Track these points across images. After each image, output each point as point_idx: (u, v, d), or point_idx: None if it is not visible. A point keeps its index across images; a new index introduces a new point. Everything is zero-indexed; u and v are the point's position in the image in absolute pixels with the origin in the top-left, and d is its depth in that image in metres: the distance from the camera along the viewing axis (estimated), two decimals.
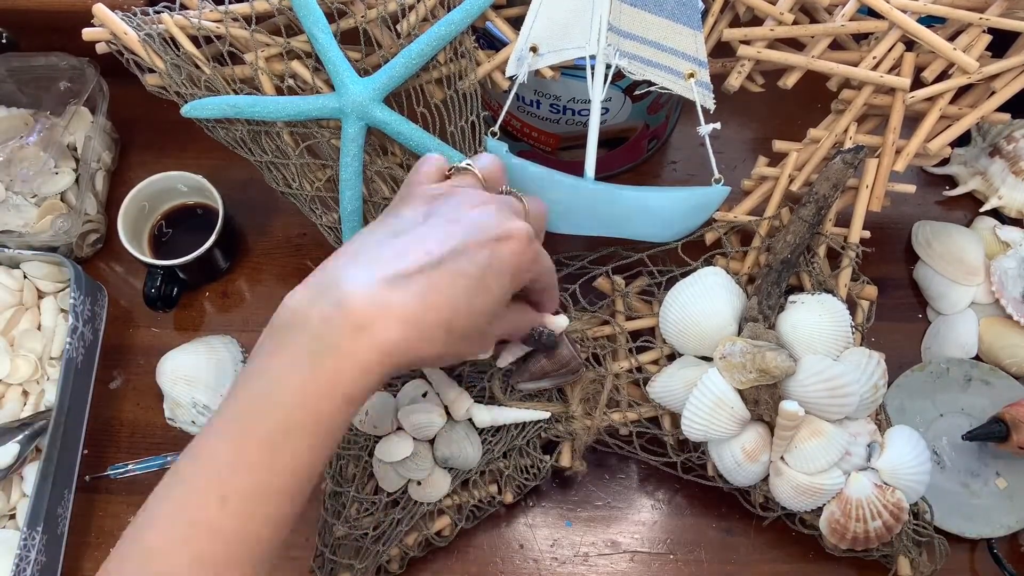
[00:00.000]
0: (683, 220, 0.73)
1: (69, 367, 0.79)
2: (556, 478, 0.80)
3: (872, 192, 0.72)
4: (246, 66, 0.70)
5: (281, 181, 0.73)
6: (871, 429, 0.70)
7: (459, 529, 0.75)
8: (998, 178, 0.86)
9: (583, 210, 0.71)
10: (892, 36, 0.70)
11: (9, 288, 0.83)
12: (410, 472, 0.73)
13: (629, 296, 0.77)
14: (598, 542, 0.79)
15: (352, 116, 0.67)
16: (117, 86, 0.89)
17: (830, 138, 0.72)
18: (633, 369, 0.75)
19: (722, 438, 0.70)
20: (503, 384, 0.75)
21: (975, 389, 0.81)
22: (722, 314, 0.70)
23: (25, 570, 0.72)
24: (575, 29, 0.68)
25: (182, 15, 0.69)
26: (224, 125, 0.71)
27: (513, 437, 0.74)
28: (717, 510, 0.79)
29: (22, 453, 0.77)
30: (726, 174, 0.71)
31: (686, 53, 0.68)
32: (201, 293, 0.88)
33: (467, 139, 0.71)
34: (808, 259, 0.73)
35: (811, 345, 0.69)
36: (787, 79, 0.71)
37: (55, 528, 0.77)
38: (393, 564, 0.74)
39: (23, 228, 0.85)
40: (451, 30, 0.66)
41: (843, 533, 0.70)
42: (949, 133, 0.71)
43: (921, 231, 0.87)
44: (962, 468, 0.79)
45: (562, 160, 0.86)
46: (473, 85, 0.70)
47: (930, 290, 0.85)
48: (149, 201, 0.86)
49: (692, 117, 0.79)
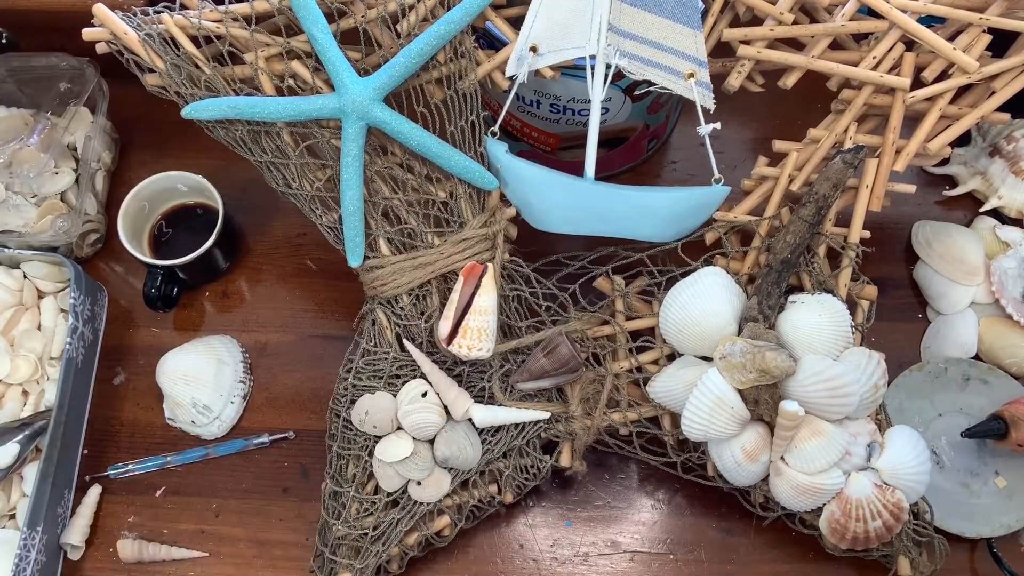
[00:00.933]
0: (683, 220, 0.73)
1: (69, 367, 0.79)
2: (556, 478, 0.80)
3: (872, 192, 0.72)
4: (246, 66, 0.70)
5: (281, 181, 0.73)
6: (871, 429, 0.70)
7: (459, 529, 0.75)
8: (998, 178, 0.86)
9: (583, 210, 0.71)
10: (892, 36, 0.70)
11: (9, 288, 0.83)
12: (410, 472, 0.73)
13: (629, 296, 0.77)
14: (598, 542, 0.79)
15: (352, 116, 0.67)
16: (117, 86, 0.89)
17: (830, 138, 0.72)
18: (633, 369, 0.75)
19: (722, 438, 0.70)
20: (503, 384, 0.75)
21: (973, 388, 0.81)
22: (722, 314, 0.70)
23: (25, 570, 0.72)
24: (575, 29, 0.68)
25: (182, 15, 0.69)
26: (224, 125, 0.71)
27: (513, 437, 0.74)
28: (717, 510, 0.79)
29: (22, 453, 0.77)
30: (726, 174, 0.71)
31: (686, 53, 0.68)
32: (201, 293, 0.88)
33: (467, 139, 0.71)
34: (808, 259, 0.73)
35: (811, 345, 0.69)
36: (787, 79, 0.71)
37: (55, 528, 0.77)
38: (393, 564, 0.74)
39: (23, 228, 0.85)
40: (450, 29, 0.66)
41: (843, 533, 0.70)
42: (949, 133, 0.72)
43: (921, 231, 0.87)
44: (961, 468, 0.79)
45: (562, 160, 0.86)
46: (473, 85, 0.70)
47: (930, 290, 0.85)
48: (149, 201, 0.86)
49: (692, 117, 0.79)
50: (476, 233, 0.73)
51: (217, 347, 0.84)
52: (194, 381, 0.81)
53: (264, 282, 0.89)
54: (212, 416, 0.81)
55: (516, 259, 0.75)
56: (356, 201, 0.70)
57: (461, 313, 0.70)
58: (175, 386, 0.81)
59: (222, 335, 0.86)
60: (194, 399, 0.80)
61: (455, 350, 0.70)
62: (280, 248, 0.90)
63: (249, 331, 0.87)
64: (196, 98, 0.69)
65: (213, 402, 0.81)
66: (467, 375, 0.75)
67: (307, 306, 0.88)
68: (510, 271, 0.75)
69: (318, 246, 0.89)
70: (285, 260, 0.90)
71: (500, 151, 0.71)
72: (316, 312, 0.87)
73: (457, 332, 0.70)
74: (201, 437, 0.82)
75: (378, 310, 0.74)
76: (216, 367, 0.82)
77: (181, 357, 0.82)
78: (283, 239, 0.91)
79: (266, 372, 0.85)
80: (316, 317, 0.87)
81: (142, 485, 0.81)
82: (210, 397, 0.81)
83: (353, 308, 0.79)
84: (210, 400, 0.81)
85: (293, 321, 0.87)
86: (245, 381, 0.84)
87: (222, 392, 0.82)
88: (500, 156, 0.71)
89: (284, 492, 0.80)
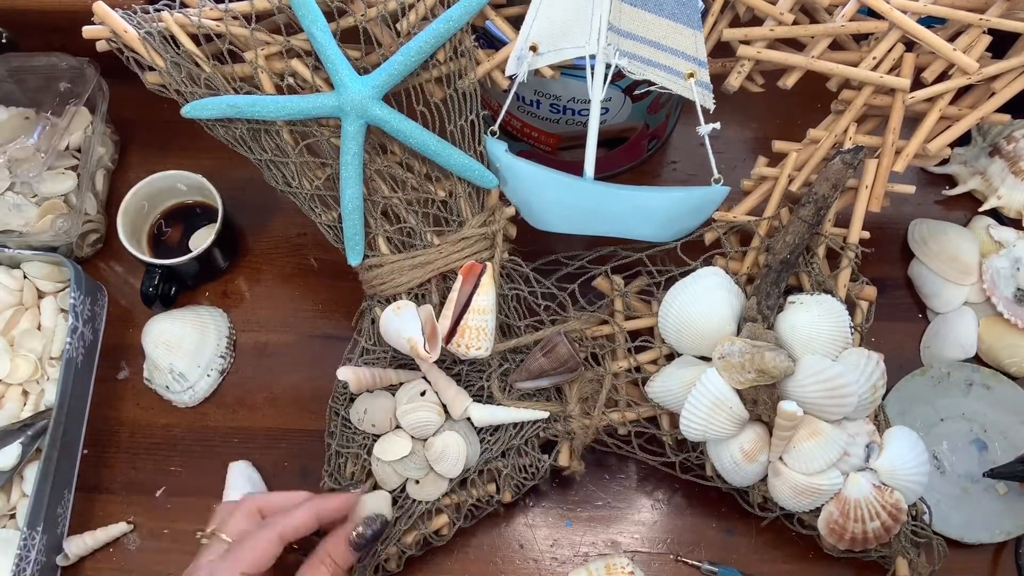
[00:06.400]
0: (682, 220, 0.73)
1: (69, 367, 0.79)
2: (556, 478, 0.80)
3: (872, 192, 0.72)
4: (246, 64, 0.70)
5: (280, 179, 0.73)
6: (870, 430, 0.70)
7: (457, 528, 0.75)
8: (998, 178, 0.86)
9: (583, 210, 0.71)
10: (892, 37, 0.70)
11: (9, 288, 0.84)
12: (408, 471, 0.73)
13: (628, 296, 0.77)
14: (598, 542, 0.79)
15: (352, 114, 0.67)
16: (117, 86, 0.89)
17: (830, 138, 0.72)
18: (632, 369, 0.75)
19: (720, 438, 0.70)
20: (501, 383, 0.75)
21: (976, 394, 0.81)
22: (721, 314, 0.70)
23: (25, 570, 0.72)
24: (575, 28, 0.68)
25: (182, 13, 0.69)
26: (224, 124, 0.71)
27: (511, 436, 0.74)
28: (717, 510, 0.79)
29: (25, 454, 0.77)
30: (726, 174, 0.71)
31: (686, 53, 0.68)
32: (200, 292, 0.88)
33: (466, 138, 0.71)
34: (807, 259, 0.73)
35: (810, 345, 0.69)
36: (787, 79, 0.71)
37: (55, 528, 0.77)
38: (391, 563, 0.74)
39: (23, 228, 0.85)
40: (450, 27, 0.66)
41: (841, 534, 0.70)
42: (949, 134, 0.71)
43: (917, 229, 0.87)
44: (962, 473, 0.79)
45: (562, 160, 0.86)
46: (473, 84, 0.70)
47: (924, 288, 0.85)
48: (148, 200, 0.86)
49: (692, 117, 0.79)
50: (475, 232, 0.73)
51: (204, 316, 0.85)
52: (175, 348, 0.82)
53: (264, 282, 0.89)
54: (186, 385, 0.82)
55: (515, 258, 0.75)
56: (355, 200, 0.70)
57: (460, 312, 0.70)
58: (156, 349, 0.82)
59: (214, 308, 0.87)
60: (171, 365, 0.81)
61: (454, 349, 0.70)
62: (280, 248, 0.90)
63: (249, 331, 0.87)
64: (196, 96, 0.69)
65: (189, 371, 0.82)
66: (466, 374, 0.75)
67: (307, 306, 0.88)
68: (509, 270, 0.75)
69: (318, 246, 0.89)
70: (285, 260, 0.90)
71: (500, 150, 0.71)
72: (316, 312, 0.87)
73: (456, 331, 0.70)
74: (173, 403, 0.83)
75: (377, 309, 0.74)
76: (199, 338, 0.83)
77: (167, 322, 0.83)
78: (283, 239, 0.91)
79: (266, 372, 0.85)
80: (316, 317, 0.87)
81: (142, 485, 0.81)
82: (187, 366, 0.82)
83: (353, 308, 0.79)
84: (186, 369, 0.82)
85: (293, 321, 0.87)
86: (226, 356, 0.84)
87: (200, 363, 0.83)
88: (499, 155, 0.71)
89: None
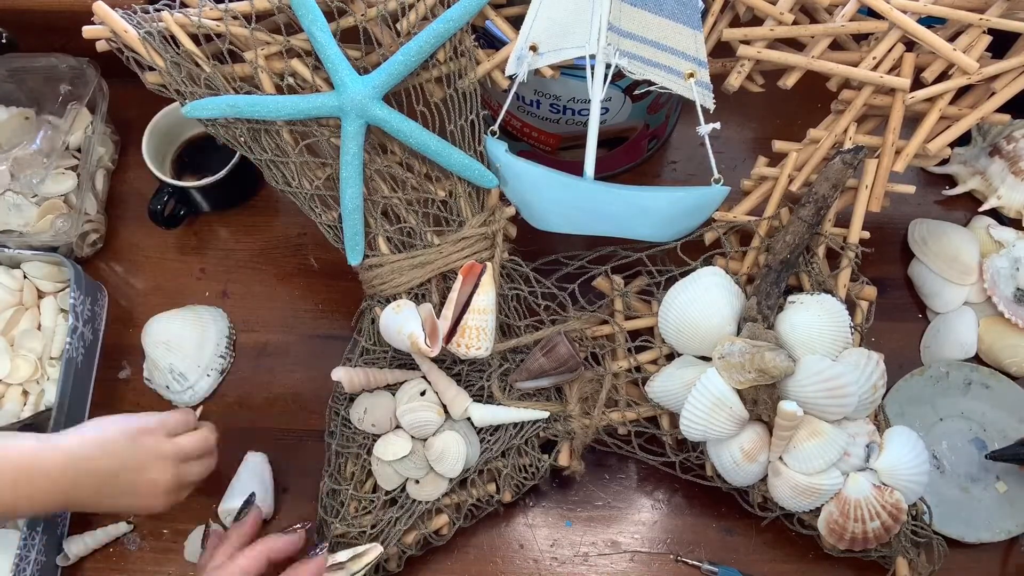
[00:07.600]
0: (682, 220, 0.73)
1: (69, 367, 0.79)
2: (556, 478, 0.80)
3: (872, 192, 0.72)
4: (246, 64, 0.70)
5: (281, 179, 0.73)
6: (870, 430, 0.70)
7: (457, 528, 0.75)
8: (998, 178, 0.86)
9: (583, 210, 0.71)
10: (892, 36, 0.70)
11: (9, 288, 0.84)
12: (408, 471, 0.73)
13: (628, 296, 0.77)
14: (598, 542, 0.79)
15: (352, 114, 0.67)
16: (117, 86, 0.89)
17: (830, 138, 0.72)
18: (632, 369, 0.75)
19: (721, 438, 0.70)
20: (501, 383, 0.75)
21: (975, 393, 0.81)
22: (721, 314, 0.70)
23: (25, 570, 0.72)
24: (575, 28, 0.68)
25: (182, 13, 0.69)
26: (224, 124, 0.71)
27: (512, 436, 0.74)
28: (717, 510, 0.79)
29: None
30: (726, 174, 0.71)
31: (686, 53, 0.68)
32: (200, 292, 0.88)
33: (466, 138, 0.71)
34: (807, 259, 0.73)
35: (810, 345, 0.69)
36: (787, 79, 0.71)
37: (55, 528, 0.77)
38: (391, 563, 0.74)
39: (23, 228, 0.85)
40: (450, 27, 0.66)
41: (841, 534, 0.70)
42: (949, 134, 0.71)
43: (917, 229, 0.87)
44: (962, 472, 0.79)
45: (562, 160, 0.86)
46: (473, 84, 0.70)
47: (924, 288, 0.85)
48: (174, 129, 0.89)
49: (692, 117, 0.79)
50: (475, 232, 0.73)
51: (204, 317, 0.85)
52: (175, 348, 0.82)
53: (264, 282, 0.89)
54: (186, 384, 0.82)
55: (515, 258, 0.75)
56: (356, 199, 0.70)
57: (460, 312, 0.70)
58: (156, 349, 0.82)
59: (214, 307, 0.86)
60: (172, 365, 0.81)
61: (454, 349, 0.70)
62: (280, 248, 0.90)
63: (249, 331, 0.87)
64: (196, 96, 0.69)
65: (189, 371, 0.82)
66: (466, 374, 0.75)
67: (307, 306, 0.88)
68: (509, 270, 0.75)
69: (318, 246, 0.89)
70: (285, 260, 0.90)
71: (500, 150, 0.71)
72: (316, 312, 0.88)
73: (456, 331, 0.70)
74: (173, 403, 0.83)
75: (377, 308, 0.74)
76: (199, 338, 0.83)
77: (168, 322, 0.83)
78: (283, 239, 0.91)
79: (266, 372, 0.85)
80: (316, 317, 0.87)
81: None
82: (187, 366, 0.82)
83: (353, 308, 0.79)
84: (186, 369, 0.82)
85: (293, 321, 0.87)
86: (226, 356, 0.84)
87: (200, 363, 0.83)
88: (500, 155, 0.71)
89: (284, 492, 0.80)
